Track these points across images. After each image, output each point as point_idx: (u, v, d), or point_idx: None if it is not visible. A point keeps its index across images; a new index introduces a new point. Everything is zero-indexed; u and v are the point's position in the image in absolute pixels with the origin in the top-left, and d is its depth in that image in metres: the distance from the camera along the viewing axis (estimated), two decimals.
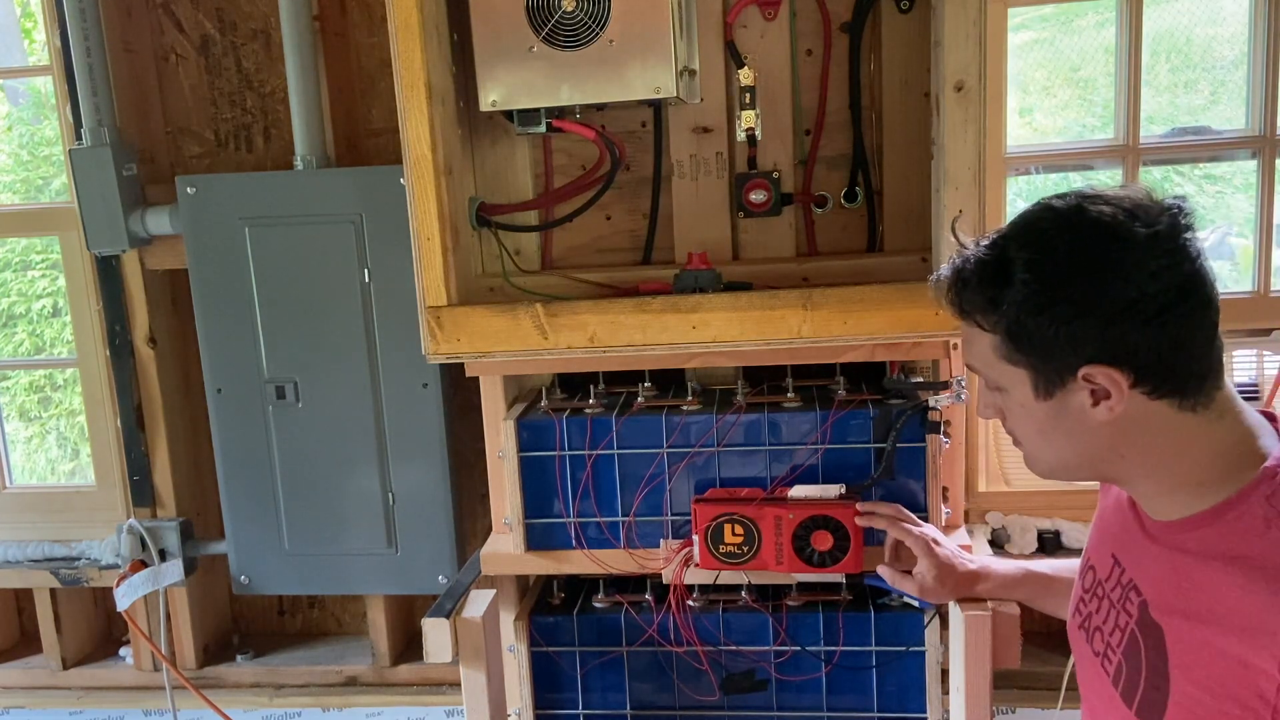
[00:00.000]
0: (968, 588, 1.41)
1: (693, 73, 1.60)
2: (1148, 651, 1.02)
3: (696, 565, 1.53)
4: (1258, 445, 0.99)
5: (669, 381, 1.67)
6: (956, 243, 1.09)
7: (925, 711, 1.58)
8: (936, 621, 1.55)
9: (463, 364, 1.57)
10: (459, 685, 1.51)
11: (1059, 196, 1.01)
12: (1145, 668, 1.03)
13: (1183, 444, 1.00)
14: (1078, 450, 1.04)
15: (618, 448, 1.58)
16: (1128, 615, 1.07)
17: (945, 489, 1.55)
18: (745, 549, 1.50)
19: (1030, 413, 1.04)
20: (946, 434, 1.54)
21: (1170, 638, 1.00)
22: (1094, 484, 1.98)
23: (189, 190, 1.88)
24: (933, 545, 1.40)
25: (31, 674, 2.23)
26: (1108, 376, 0.97)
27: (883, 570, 1.44)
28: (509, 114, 1.54)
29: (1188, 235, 0.96)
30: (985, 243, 1.03)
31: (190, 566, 2.05)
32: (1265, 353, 1.87)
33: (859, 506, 1.47)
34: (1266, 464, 0.97)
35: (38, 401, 4.28)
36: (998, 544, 1.93)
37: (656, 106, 1.64)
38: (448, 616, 1.47)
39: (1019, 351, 1.01)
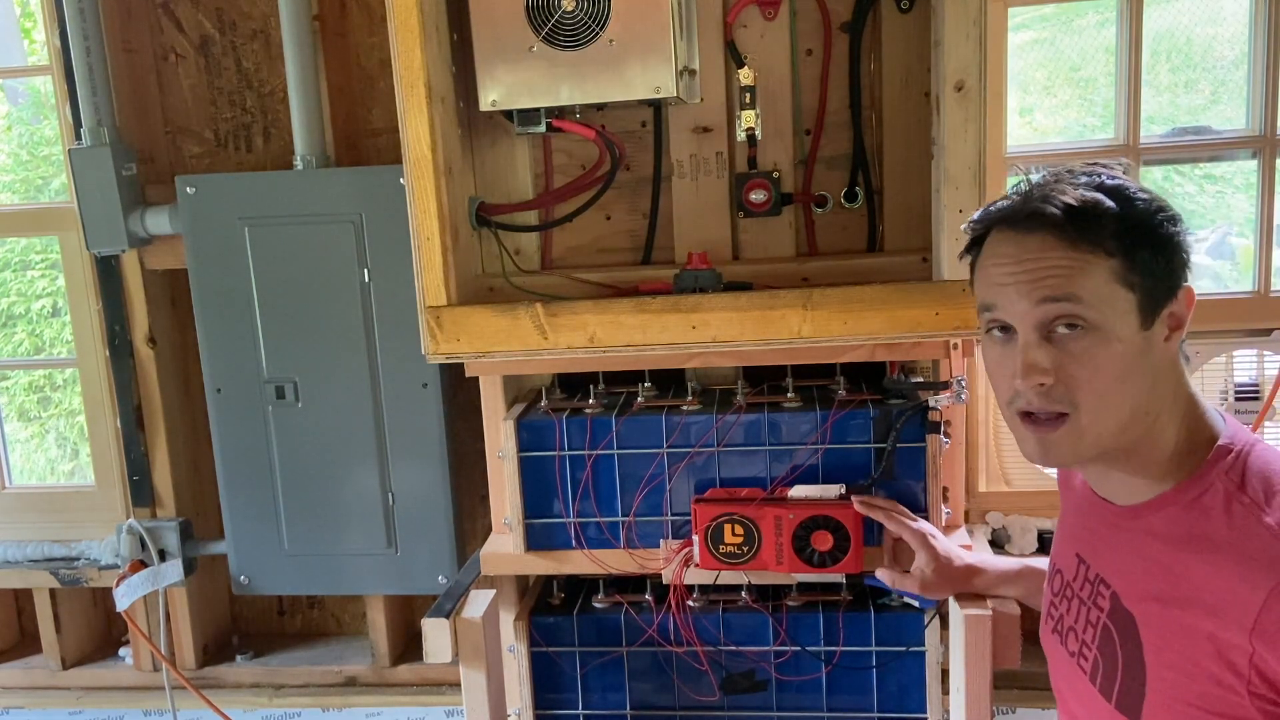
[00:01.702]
0: (965, 582, 1.42)
1: (693, 72, 1.60)
2: (1122, 642, 1.04)
3: (696, 565, 1.53)
4: (1206, 420, 1.04)
5: (669, 381, 1.67)
6: (1027, 175, 1.09)
7: (925, 711, 1.58)
8: (936, 621, 1.55)
9: (463, 364, 1.57)
10: (459, 685, 1.51)
11: None
12: (1121, 658, 1.04)
13: (1180, 395, 1.04)
14: (1140, 397, 1.01)
15: (618, 448, 1.58)
16: (1099, 610, 1.08)
17: (945, 489, 1.55)
18: (745, 549, 1.50)
19: (1126, 349, 1.00)
20: (946, 434, 1.54)
21: (1143, 625, 1.01)
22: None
23: (189, 190, 1.88)
24: (929, 539, 1.41)
25: (31, 674, 2.23)
26: (1189, 296, 1.02)
27: (882, 573, 1.45)
28: (509, 114, 1.54)
29: None
30: (1082, 180, 1.03)
31: (190, 566, 2.05)
32: (1265, 353, 1.87)
33: (855, 498, 1.47)
34: (1220, 442, 1.01)
35: (37, 401, 4.28)
36: (998, 544, 1.93)
37: (656, 106, 1.64)
38: (448, 616, 1.47)
39: (1134, 271, 0.99)
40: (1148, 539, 1.03)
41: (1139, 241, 0.99)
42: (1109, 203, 1.00)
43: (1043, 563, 1.41)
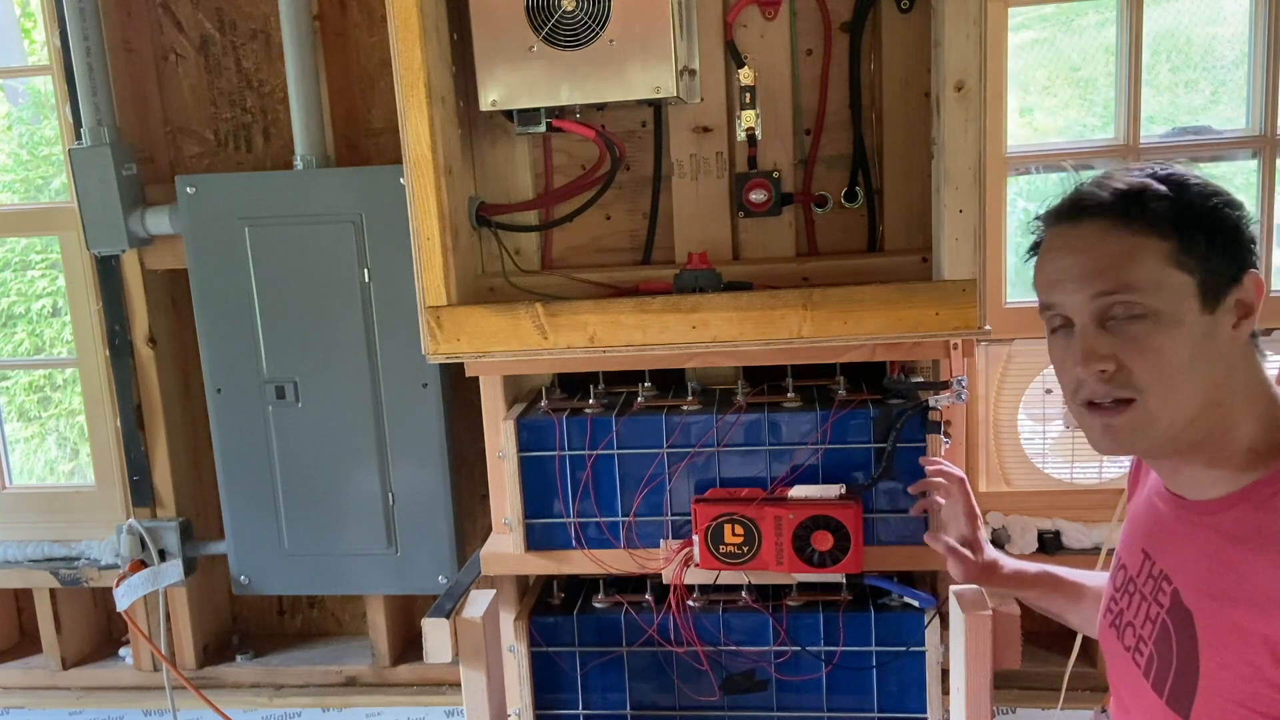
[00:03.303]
0: (984, 575, 1.40)
1: (693, 72, 1.60)
2: (1178, 638, 1.03)
3: (696, 565, 1.53)
4: None
5: (669, 381, 1.67)
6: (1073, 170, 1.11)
7: (925, 711, 1.58)
8: (937, 621, 1.55)
9: (463, 364, 1.57)
10: (459, 685, 1.51)
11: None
12: (1176, 655, 1.03)
13: (1258, 390, 1.02)
14: (1210, 385, 1.00)
15: (618, 448, 1.58)
16: (1159, 606, 1.07)
17: None
18: (745, 549, 1.50)
19: (1188, 332, 0.99)
20: (946, 434, 1.54)
21: (1200, 622, 1.00)
22: (1094, 483, 1.97)
23: (189, 190, 1.88)
24: (978, 517, 1.42)
25: (31, 674, 2.23)
26: (1256, 282, 1.00)
27: (934, 539, 1.40)
28: (509, 114, 1.54)
29: None
30: (1135, 172, 1.04)
31: (190, 566, 2.05)
32: (1265, 353, 1.86)
33: (913, 488, 1.46)
34: None
35: (37, 401, 4.28)
36: (998, 544, 1.92)
37: (656, 106, 1.64)
38: (448, 616, 1.47)
39: (1191, 254, 0.99)
40: (1215, 536, 1.01)
41: (1194, 224, 0.99)
42: (1160, 186, 1.00)
43: (1062, 571, 1.39)
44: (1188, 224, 0.99)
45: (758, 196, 1.65)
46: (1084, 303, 1.01)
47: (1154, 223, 0.99)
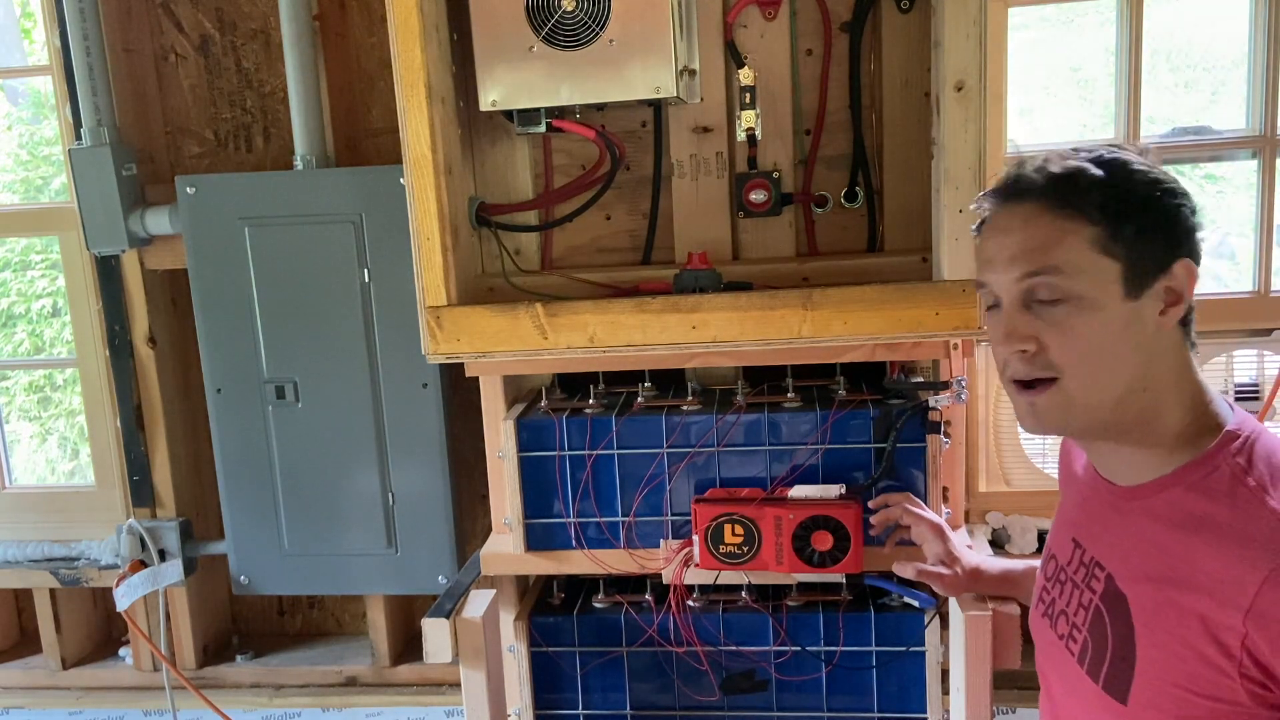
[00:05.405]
0: (970, 583, 1.41)
1: (693, 72, 1.60)
2: (1113, 623, 1.04)
3: (696, 565, 1.53)
4: (1213, 407, 1.04)
5: (669, 381, 1.67)
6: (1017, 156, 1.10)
7: (925, 711, 1.58)
8: (936, 621, 1.55)
9: (463, 364, 1.57)
10: (459, 685, 1.51)
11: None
12: (1111, 639, 1.04)
13: (1185, 377, 1.03)
14: (1133, 370, 1.01)
15: (618, 448, 1.58)
16: (1091, 592, 1.08)
17: (945, 489, 1.55)
18: (745, 549, 1.50)
19: (1108, 318, 1.00)
20: (946, 434, 1.54)
21: (1135, 605, 1.01)
22: None
23: (189, 190, 1.88)
24: (944, 530, 1.43)
25: (31, 674, 2.23)
26: (1189, 271, 1.00)
27: (903, 567, 1.42)
28: (509, 114, 1.54)
29: None
30: (1081, 154, 1.04)
31: (190, 566, 2.05)
32: (1265, 353, 1.87)
33: (873, 504, 1.47)
34: (1228, 427, 1.01)
35: (38, 401, 4.28)
36: (998, 544, 1.93)
37: (656, 106, 1.64)
38: (448, 616, 1.48)
39: (1119, 241, 0.99)
40: (1148, 520, 1.03)
41: (1125, 211, 0.99)
42: (1096, 171, 1.01)
43: None
44: (1118, 210, 1.00)
45: (758, 196, 1.65)
46: (1010, 284, 1.03)
47: (1083, 207, 1.00)
